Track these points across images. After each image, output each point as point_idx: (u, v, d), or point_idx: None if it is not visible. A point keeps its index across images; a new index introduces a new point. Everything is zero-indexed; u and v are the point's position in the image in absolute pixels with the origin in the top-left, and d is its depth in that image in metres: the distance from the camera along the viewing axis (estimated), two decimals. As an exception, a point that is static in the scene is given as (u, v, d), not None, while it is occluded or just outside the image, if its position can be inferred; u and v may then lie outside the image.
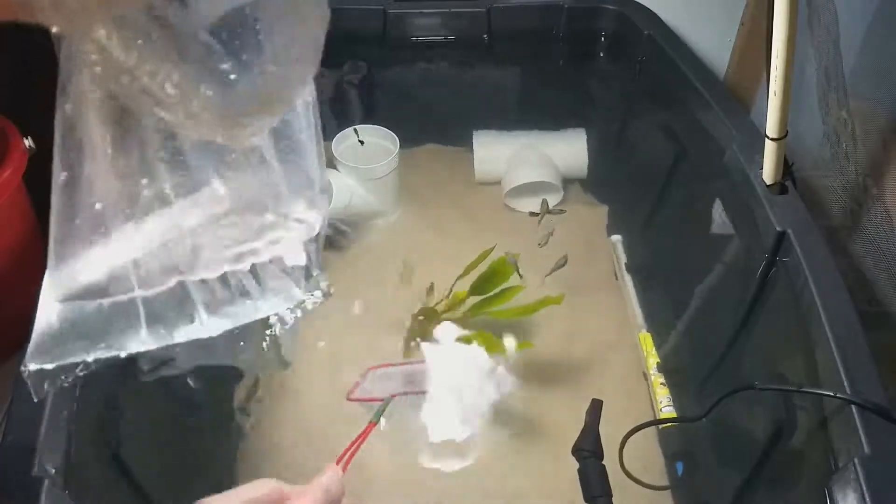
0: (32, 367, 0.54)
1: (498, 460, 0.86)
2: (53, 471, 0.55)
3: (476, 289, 0.96)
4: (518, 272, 0.96)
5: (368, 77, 1.20)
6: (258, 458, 0.87)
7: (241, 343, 0.73)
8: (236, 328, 0.71)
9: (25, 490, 0.53)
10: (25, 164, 0.90)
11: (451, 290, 0.98)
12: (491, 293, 0.96)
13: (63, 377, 0.55)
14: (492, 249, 0.96)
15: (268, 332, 0.71)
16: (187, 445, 0.83)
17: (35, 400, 0.58)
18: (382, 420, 0.60)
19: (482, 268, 0.96)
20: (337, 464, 0.46)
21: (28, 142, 0.90)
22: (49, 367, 0.55)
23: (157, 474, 0.72)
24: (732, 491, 0.74)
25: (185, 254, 0.51)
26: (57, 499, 0.54)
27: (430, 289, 1.01)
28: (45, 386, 0.54)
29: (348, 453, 0.48)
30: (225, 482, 0.84)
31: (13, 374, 0.60)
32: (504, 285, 0.96)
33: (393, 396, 0.60)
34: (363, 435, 0.50)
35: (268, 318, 0.68)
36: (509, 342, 0.94)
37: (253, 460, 0.87)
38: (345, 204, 1.07)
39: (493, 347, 0.91)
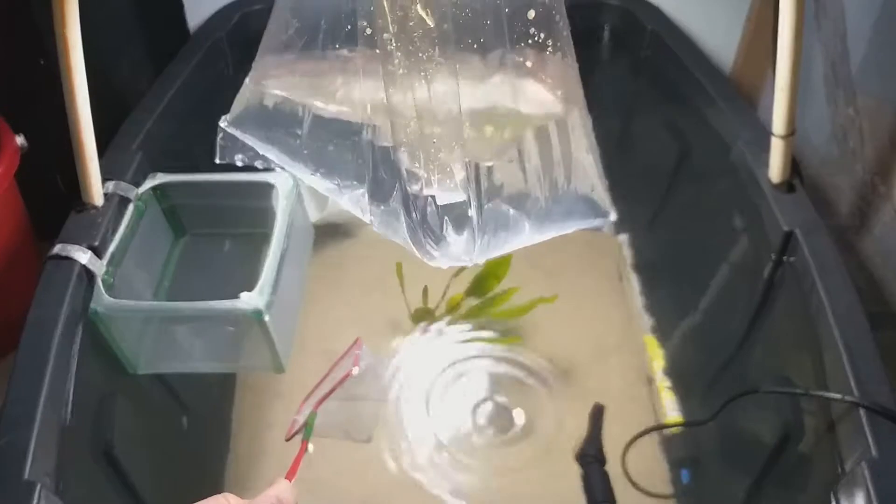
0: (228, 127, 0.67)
1: (498, 466, 0.85)
2: (46, 474, 0.54)
3: (472, 291, 0.95)
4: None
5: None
6: (249, 459, 0.86)
7: (236, 345, 0.72)
8: (230, 327, 0.71)
9: (18, 494, 0.52)
10: (17, 163, 0.89)
11: (445, 293, 0.97)
12: (486, 295, 0.95)
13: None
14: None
15: (263, 333, 0.70)
16: (180, 447, 0.83)
17: (217, 160, 0.70)
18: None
19: (476, 268, 0.95)
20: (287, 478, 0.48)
21: (20, 139, 0.89)
22: (240, 135, 0.66)
23: (149, 476, 0.71)
24: (738, 497, 0.73)
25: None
26: (50, 503, 0.53)
27: (425, 292, 1.00)
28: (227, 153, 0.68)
29: (296, 467, 0.51)
30: (217, 483, 0.83)
31: (6, 375, 0.59)
32: (500, 286, 0.95)
33: (314, 410, 0.60)
34: (300, 452, 0.53)
35: (265, 321, 0.68)
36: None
37: (244, 462, 0.86)
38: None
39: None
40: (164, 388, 0.81)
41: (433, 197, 0.57)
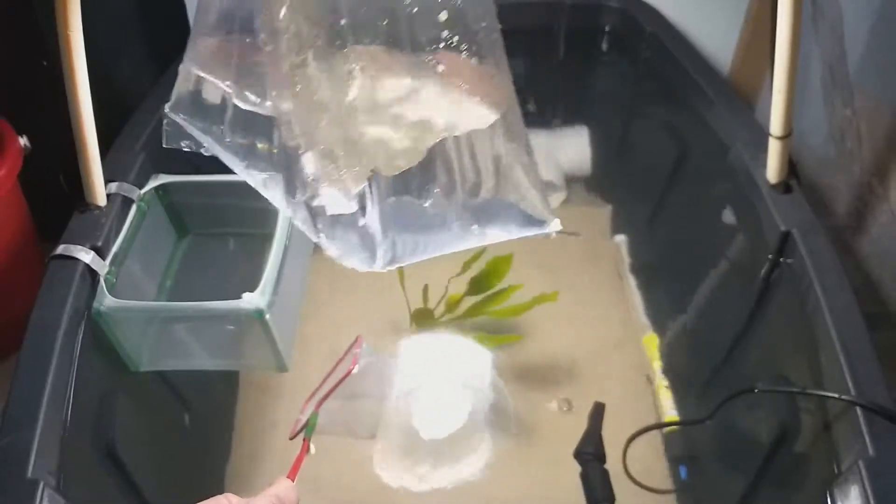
0: (170, 113, 0.64)
1: (497, 464, 0.86)
2: (49, 472, 0.55)
3: (472, 289, 0.95)
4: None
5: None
6: (251, 458, 0.86)
7: (239, 344, 0.73)
8: (232, 327, 0.71)
9: (21, 493, 0.52)
10: (21, 164, 0.89)
11: (445, 291, 0.98)
12: (487, 293, 0.95)
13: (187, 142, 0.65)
14: (483, 250, 0.95)
15: (265, 332, 0.70)
16: (182, 445, 0.83)
17: (164, 145, 0.67)
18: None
19: (477, 267, 0.95)
20: (288, 477, 0.49)
21: (23, 140, 0.90)
22: (181, 121, 0.63)
23: (151, 474, 0.72)
24: (736, 494, 0.73)
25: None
26: (53, 501, 0.53)
27: (426, 291, 1.00)
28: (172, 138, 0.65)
29: (298, 466, 0.52)
30: (219, 482, 0.84)
31: (9, 375, 0.59)
32: (500, 285, 0.95)
33: (316, 409, 0.60)
34: (301, 452, 0.53)
35: (266, 321, 0.68)
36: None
37: (246, 461, 0.86)
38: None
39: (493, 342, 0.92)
40: (166, 387, 0.82)
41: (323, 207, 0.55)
